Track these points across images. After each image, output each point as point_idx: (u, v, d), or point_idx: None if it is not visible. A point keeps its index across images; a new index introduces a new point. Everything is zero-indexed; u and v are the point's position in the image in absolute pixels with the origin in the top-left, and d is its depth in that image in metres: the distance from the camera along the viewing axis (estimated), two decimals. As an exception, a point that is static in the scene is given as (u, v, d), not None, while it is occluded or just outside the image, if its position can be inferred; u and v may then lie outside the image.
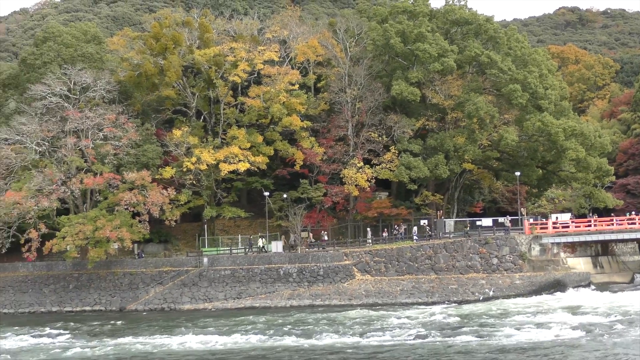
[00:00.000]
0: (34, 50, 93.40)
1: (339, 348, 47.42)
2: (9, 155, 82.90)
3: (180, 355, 47.48)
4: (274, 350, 47.72)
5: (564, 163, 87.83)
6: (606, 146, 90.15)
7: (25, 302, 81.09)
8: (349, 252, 79.73)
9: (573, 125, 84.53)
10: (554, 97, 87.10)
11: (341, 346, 48.13)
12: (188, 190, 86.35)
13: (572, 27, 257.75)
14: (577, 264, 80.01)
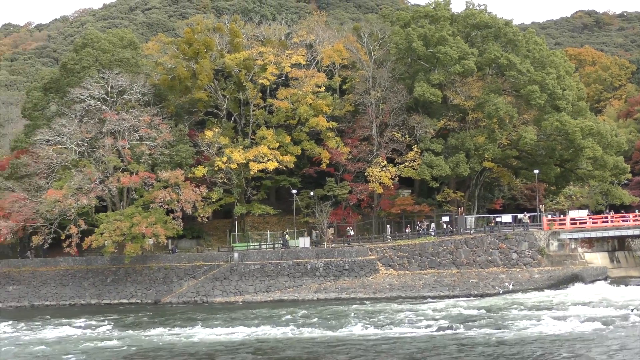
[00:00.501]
0: (73, 55, 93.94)
1: (364, 339, 47.31)
2: (50, 156, 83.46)
3: (212, 346, 47.55)
4: (302, 341, 47.71)
5: (581, 161, 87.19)
6: (622, 145, 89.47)
7: (66, 294, 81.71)
8: (374, 248, 79.62)
9: (590, 124, 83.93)
10: (571, 97, 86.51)
11: (366, 337, 48.04)
12: (219, 188, 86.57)
13: (589, 30, 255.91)
14: (594, 259, 79.45)
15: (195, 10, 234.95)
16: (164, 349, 47.58)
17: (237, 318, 60.79)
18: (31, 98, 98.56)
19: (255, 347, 46.62)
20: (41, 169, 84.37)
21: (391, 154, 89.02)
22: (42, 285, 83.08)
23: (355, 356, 41.54)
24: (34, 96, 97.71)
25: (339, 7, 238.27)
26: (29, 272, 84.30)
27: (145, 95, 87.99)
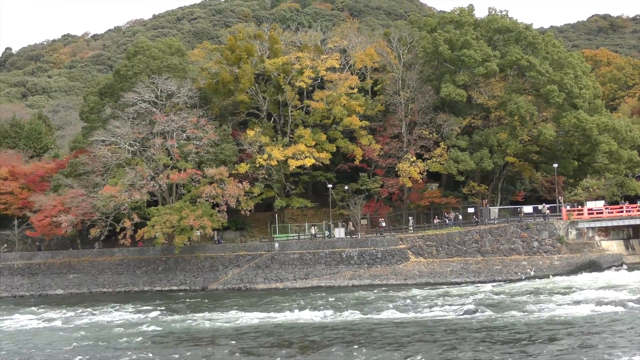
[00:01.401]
0: (126, 62, 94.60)
1: (396, 322, 47.23)
2: (105, 155, 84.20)
3: (256, 328, 47.70)
4: (338, 324, 47.72)
5: (597, 155, 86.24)
6: (636, 139, 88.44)
7: (121, 282, 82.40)
8: (404, 237, 79.50)
9: (606, 121, 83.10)
10: (588, 96, 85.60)
11: (397, 320, 47.95)
12: (261, 183, 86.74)
13: (604, 33, 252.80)
14: (611, 246, 78.53)
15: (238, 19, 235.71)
16: (211, 331, 47.82)
17: (278, 303, 60.93)
18: (88, 102, 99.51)
19: (295, 329, 46.72)
20: (97, 167, 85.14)
21: (420, 150, 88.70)
22: (99, 274, 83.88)
23: (388, 337, 41.47)
24: (91, 100, 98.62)
25: (370, 14, 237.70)
26: (87, 262, 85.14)
27: (191, 99, 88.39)
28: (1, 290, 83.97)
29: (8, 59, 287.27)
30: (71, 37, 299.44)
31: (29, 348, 44.45)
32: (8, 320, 59.43)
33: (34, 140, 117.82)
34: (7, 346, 45.71)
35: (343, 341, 41.21)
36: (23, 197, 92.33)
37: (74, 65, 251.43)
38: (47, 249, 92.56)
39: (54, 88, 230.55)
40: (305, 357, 37.45)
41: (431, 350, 37.09)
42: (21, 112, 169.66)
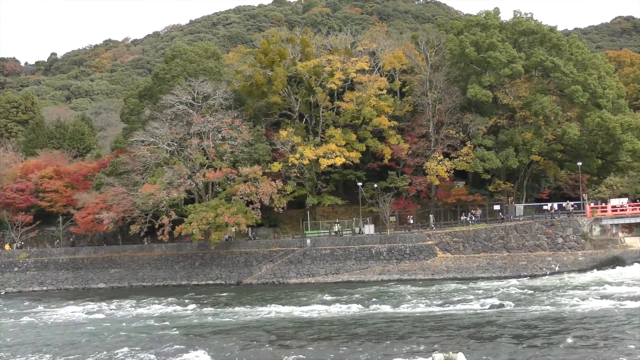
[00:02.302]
0: (164, 66, 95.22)
1: (424, 315, 47.10)
2: (145, 154, 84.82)
3: (289, 321, 47.81)
4: (369, 317, 47.70)
5: (621, 154, 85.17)
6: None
7: (160, 277, 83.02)
8: (432, 234, 79.23)
9: (629, 120, 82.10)
10: (611, 96, 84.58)
11: (426, 313, 47.82)
12: (293, 181, 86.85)
13: (627, 34, 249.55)
14: (634, 243, 77.38)
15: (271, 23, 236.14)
16: (246, 323, 48.02)
17: (310, 297, 61.01)
18: (128, 104, 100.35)
19: (327, 322, 46.75)
20: (137, 166, 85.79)
21: (447, 149, 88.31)
22: (139, 269, 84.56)
23: (417, 329, 41.38)
24: (131, 102, 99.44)
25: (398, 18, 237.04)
26: (128, 257, 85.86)
27: (227, 100, 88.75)
28: (47, 284, 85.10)
29: (53, 63, 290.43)
30: (112, 42, 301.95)
31: (76, 339, 44.94)
32: (54, 313, 60.24)
33: (78, 140, 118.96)
34: (55, 337, 46.29)
35: (372, 333, 41.19)
36: (67, 195, 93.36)
37: (115, 69, 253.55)
38: (90, 245, 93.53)
39: (96, 91, 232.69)
40: (337, 348, 37.46)
41: (457, 342, 36.94)
42: (65, 114, 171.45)
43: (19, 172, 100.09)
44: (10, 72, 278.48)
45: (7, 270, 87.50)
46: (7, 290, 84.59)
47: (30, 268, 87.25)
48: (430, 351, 34.24)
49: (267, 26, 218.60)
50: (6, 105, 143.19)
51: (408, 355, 34.57)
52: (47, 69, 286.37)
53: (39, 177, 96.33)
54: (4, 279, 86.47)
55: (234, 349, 38.53)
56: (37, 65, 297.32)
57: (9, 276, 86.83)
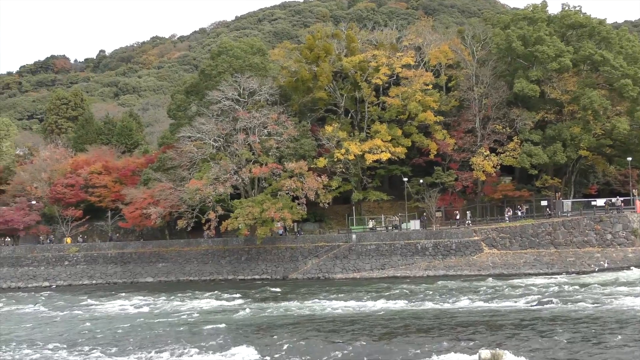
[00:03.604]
0: (210, 62, 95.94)
1: (470, 311, 46.81)
2: (191, 150, 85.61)
3: (335, 316, 47.87)
4: (414, 313, 47.56)
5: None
6: None
7: (207, 271, 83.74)
8: (478, 229, 78.68)
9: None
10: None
11: (471, 309, 47.53)
12: (338, 177, 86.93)
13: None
14: (686, 239, 76.17)
15: (316, 19, 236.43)
16: (292, 318, 48.17)
17: (355, 292, 61.01)
18: (175, 100, 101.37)
19: (373, 317, 46.71)
20: (184, 162, 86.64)
21: (493, 144, 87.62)
22: (186, 263, 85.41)
23: (463, 325, 41.13)
24: (178, 99, 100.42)
25: (444, 12, 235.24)
26: (175, 252, 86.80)
27: (272, 96, 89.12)
28: (97, 277, 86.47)
29: (102, 60, 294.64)
30: (159, 39, 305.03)
31: (123, 332, 45.58)
32: (103, 306, 61.16)
33: (126, 136, 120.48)
34: (103, 330, 46.97)
35: (418, 329, 41.04)
36: (116, 190, 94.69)
37: (162, 66, 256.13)
38: (137, 239, 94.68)
39: (143, 87, 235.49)
40: (383, 343, 37.42)
41: (502, 339, 36.63)
42: (113, 110, 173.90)
43: (69, 167, 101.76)
44: (60, 70, 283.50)
45: (58, 264, 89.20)
46: (58, 284, 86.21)
47: (80, 262, 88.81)
48: (476, 347, 34.04)
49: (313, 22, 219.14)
50: (56, 102, 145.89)
51: (453, 351, 34.38)
52: (95, 66, 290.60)
53: (88, 173, 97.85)
54: (55, 273, 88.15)
55: (280, 344, 38.69)
56: (86, 62, 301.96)
57: (59, 270, 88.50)
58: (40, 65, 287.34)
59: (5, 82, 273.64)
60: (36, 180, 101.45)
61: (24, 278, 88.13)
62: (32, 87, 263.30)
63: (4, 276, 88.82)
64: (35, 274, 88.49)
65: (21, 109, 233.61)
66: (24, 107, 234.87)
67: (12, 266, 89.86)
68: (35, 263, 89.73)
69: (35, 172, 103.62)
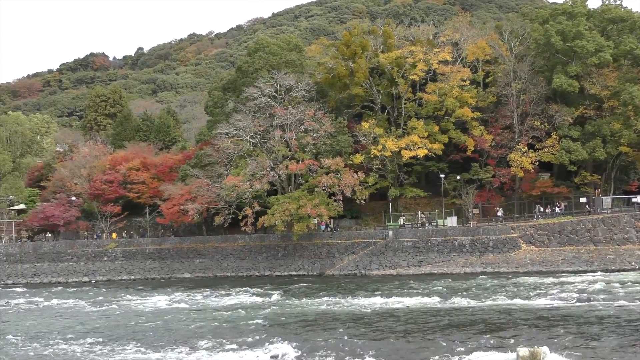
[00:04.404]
0: (247, 59, 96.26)
1: (508, 308, 46.47)
2: (228, 147, 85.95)
3: (372, 313, 47.82)
4: (451, 310, 47.33)
5: None
6: None
7: (243, 267, 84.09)
8: (516, 226, 78.07)
9: None
10: None
11: (509, 307, 47.17)
12: (375, 173, 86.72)
13: None
14: None
15: (352, 15, 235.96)
16: (328, 314, 48.22)
17: (392, 289, 60.87)
18: (212, 97, 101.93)
19: (410, 313, 46.59)
20: (221, 158, 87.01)
21: (531, 140, 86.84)
22: (223, 259, 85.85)
23: (500, 322, 40.86)
24: (215, 95, 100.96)
25: (481, 7, 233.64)
26: (212, 248, 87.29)
27: (309, 92, 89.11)
28: (135, 273, 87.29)
29: (140, 58, 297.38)
30: (196, 36, 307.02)
31: (161, 327, 45.96)
32: (141, 301, 61.71)
33: (163, 133, 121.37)
34: (141, 325, 47.42)
35: (455, 326, 40.84)
36: (154, 187, 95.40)
37: (199, 63, 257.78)
38: (176, 235, 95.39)
39: (180, 84, 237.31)
40: (419, 339, 37.30)
41: (540, 337, 36.31)
42: (151, 107, 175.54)
43: (107, 164, 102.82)
44: (99, 67, 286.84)
45: (97, 259, 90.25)
46: (97, 279, 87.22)
47: (119, 257, 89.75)
48: (514, 345, 33.78)
49: (349, 18, 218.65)
50: (96, 99, 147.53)
51: (491, 348, 34.18)
52: (134, 63, 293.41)
53: (126, 169, 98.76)
54: (94, 268, 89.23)
55: (318, 339, 38.75)
56: (125, 59, 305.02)
57: (99, 265, 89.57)
58: (79, 63, 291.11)
59: (46, 79, 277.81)
60: (76, 177, 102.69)
61: (64, 273, 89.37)
62: (72, 85, 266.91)
63: (44, 271, 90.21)
64: (75, 269, 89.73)
65: (61, 106, 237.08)
66: (64, 105, 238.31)
67: (53, 261, 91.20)
68: (75, 258, 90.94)
69: (75, 168, 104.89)
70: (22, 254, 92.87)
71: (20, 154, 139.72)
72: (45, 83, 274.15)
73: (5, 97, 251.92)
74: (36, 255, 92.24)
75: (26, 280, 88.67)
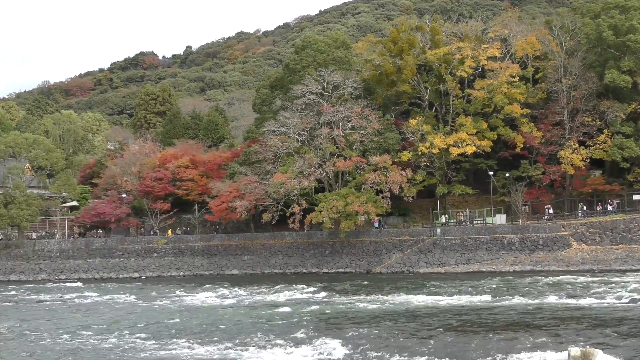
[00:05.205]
0: (294, 57, 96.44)
1: (558, 307, 45.87)
2: (276, 144, 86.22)
3: (419, 310, 47.59)
4: (500, 308, 46.90)
5: None
6: None
7: (291, 264, 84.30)
8: (566, 224, 77.01)
9: None
10: None
11: (559, 306, 46.56)
12: (423, 170, 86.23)
13: None
14: None
15: (399, 12, 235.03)
16: (376, 312, 48.12)
17: (440, 286, 60.54)
18: (260, 95, 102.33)
19: (459, 311, 46.33)
20: (269, 156, 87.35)
21: (582, 137, 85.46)
22: (271, 256, 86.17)
23: (551, 322, 40.34)
24: (262, 93, 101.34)
25: (531, 3, 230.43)
26: (260, 245, 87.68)
27: (356, 90, 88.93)
28: (184, 269, 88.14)
29: (188, 56, 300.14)
30: (244, 34, 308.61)
31: (209, 324, 46.32)
32: (191, 297, 62.31)
33: (212, 131, 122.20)
34: (190, 321, 47.88)
35: (504, 325, 40.46)
36: (202, 184, 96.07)
37: (247, 61, 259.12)
38: (224, 232, 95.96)
39: (228, 82, 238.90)
40: (468, 338, 37.02)
41: (592, 337, 35.73)
42: (200, 105, 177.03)
43: (157, 161, 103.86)
44: (149, 66, 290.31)
45: (148, 256, 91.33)
46: (147, 275, 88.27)
47: (168, 254, 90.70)
48: (564, 344, 33.28)
49: (396, 15, 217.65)
50: (145, 97, 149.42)
51: (541, 348, 33.71)
52: (182, 62, 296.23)
53: (175, 167, 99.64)
54: (144, 264, 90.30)
55: (364, 336, 38.69)
56: (174, 58, 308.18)
57: (149, 261, 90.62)
58: (129, 62, 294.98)
59: (97, 78, 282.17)
60: (126, 174, 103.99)
61: (115, 269, 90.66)
62: (122, 83, 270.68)
63: (96, 267, 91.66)
64: (125, 265, 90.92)
65: (112, 105, 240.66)
66: (114, 103, 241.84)
67: (104, 257, 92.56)
68: (125, 255, 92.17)
69: (125, 166, 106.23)
70: (75, 250, 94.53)
71: (73, 151, 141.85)
72: (97, 82, 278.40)
73: (58, 96, 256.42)
74: (88, 251, 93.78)
75: (79, 276, 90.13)
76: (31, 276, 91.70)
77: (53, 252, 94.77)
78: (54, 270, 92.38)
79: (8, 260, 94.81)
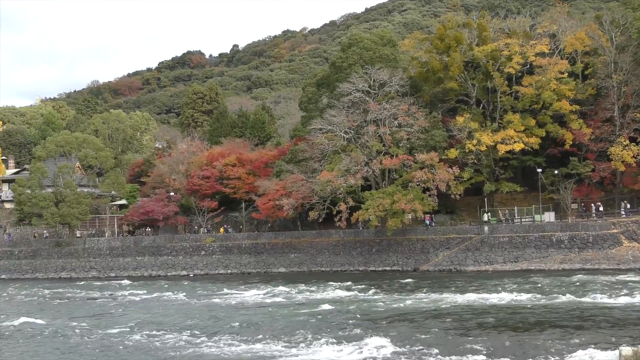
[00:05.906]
0: (341, 54, 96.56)
1: (608, 307, 45.32)
2: (322, 142, 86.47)
3: (467, 309, 47.41)
4: (548, 307, 46.51)
5: None
6: None
7: (338, 262, 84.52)
8: (617, 222, 75.95)
9: None
10: None
11: (609, 305, 45.99)
12: (470, 168, 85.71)
13: None
14: None
15: (446, 8, 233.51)
16: (423, 310, 48.06)
17: (488, 285, 60.17)
18: (306, 93, 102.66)
19: (507, 310, 46.05)
20: (315, 154, 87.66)
21: (633, 133, 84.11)
22: (317, 254, 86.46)
23: (602, 321, 39.92)
24: (309, 91, 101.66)
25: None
26: (307, 243, 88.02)
27: (402, 87, 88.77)
28: (231, 267, 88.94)
29: (235, 55, 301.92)
30: (290, 32, 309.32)
31: (256, 321, 46.74)
32: (238, 295, 62.88)
33: (258, 129, 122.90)
34: (237, 318, 48.37)
35: (554, 323, 40.10)
36: (249, 182, 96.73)
37: (293, 59, 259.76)
38: (271, 230, 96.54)
39: (275, 81, 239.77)
40: (517, 337, 36.80)
41: (647, 336, 35.31)
42: (246, 103, 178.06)
43: (204, 160, 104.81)
44: (196, 65, 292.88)
45: (195, 253, 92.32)
46: (195, 273, 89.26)
47: (216, 252, 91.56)
48: (616, 343, 32.94)
49: (443, 11, 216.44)
50: (193, 96, 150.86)
51: (593, 346, 33.39)
52: (229, 61, 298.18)
53: (222, 165, 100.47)
54: (192, 262, 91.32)
55: (412, 335, 38.69)
56: (221, 57, 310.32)
57: (196, 259, 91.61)
58: (177, 61, 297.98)
59: (145, 78, 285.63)
60: (174, 173, 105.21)
61: (163, 267, 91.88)
62: (169, 83, 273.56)
63: (145, 264, 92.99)
64: (174, 263, 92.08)
65: (160, 104, 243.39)
66: (162, 102, 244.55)
67: (153, 255, 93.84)
68: (174, 252, 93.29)
69: (173, 164, 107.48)
70: (124, 248, 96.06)
71: (122, 150, 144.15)
72: (145, 81, 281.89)
73: (107, 96, 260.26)
74: (137, 249, 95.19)
75: (128, 274, 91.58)
76: (82, 274, 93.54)
77: (103, 250, 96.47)
78: (103, 268, 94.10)
79: (59, 258, 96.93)
